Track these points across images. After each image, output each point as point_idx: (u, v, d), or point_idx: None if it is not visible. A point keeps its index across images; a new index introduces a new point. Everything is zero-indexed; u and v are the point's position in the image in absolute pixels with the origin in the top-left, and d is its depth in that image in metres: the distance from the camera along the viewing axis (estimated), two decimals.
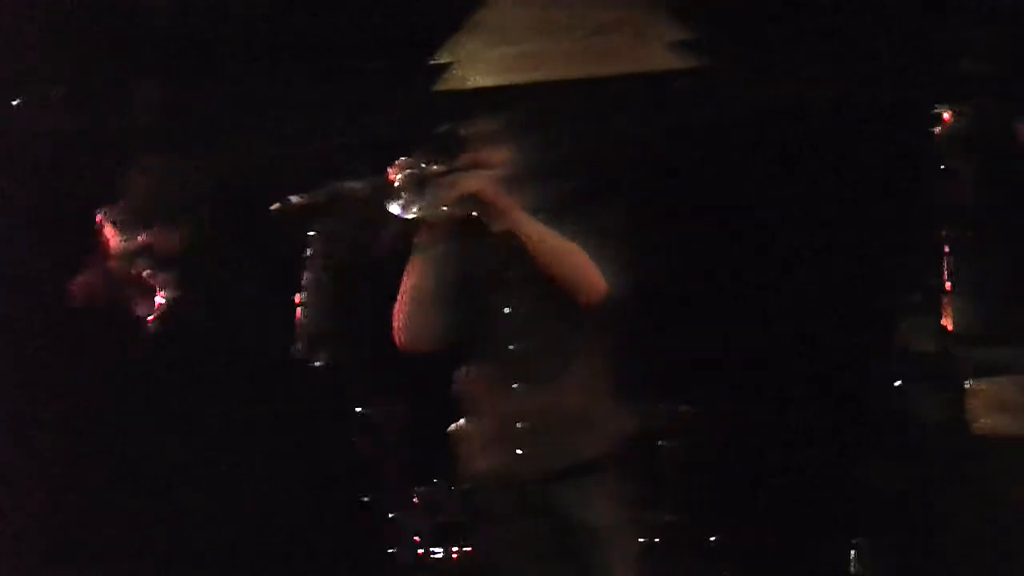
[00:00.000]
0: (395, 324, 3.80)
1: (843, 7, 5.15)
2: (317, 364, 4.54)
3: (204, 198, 4.39)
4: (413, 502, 5.24)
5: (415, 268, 3.72)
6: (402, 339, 3.82)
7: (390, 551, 5.14)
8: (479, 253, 3.74)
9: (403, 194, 3.56)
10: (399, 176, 3.56)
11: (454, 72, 5.86)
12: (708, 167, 5.69)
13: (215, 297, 4.34)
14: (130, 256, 4.27)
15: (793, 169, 5.67)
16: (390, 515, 5.22)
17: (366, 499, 5.26)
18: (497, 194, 3.60)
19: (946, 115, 3.14)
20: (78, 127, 5.79)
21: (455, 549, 5.03)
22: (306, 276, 4.34)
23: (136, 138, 5.50)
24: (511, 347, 3.68)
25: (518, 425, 3.66)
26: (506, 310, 3.70)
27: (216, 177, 4.53)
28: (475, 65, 5.85)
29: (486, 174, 3.62)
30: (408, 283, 3.75)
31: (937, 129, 3.13)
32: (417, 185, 3.57)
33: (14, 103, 5.58)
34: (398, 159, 3.61)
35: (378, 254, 4.20)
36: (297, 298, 4.42)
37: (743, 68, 5.48)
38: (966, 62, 4.11)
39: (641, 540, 3.98)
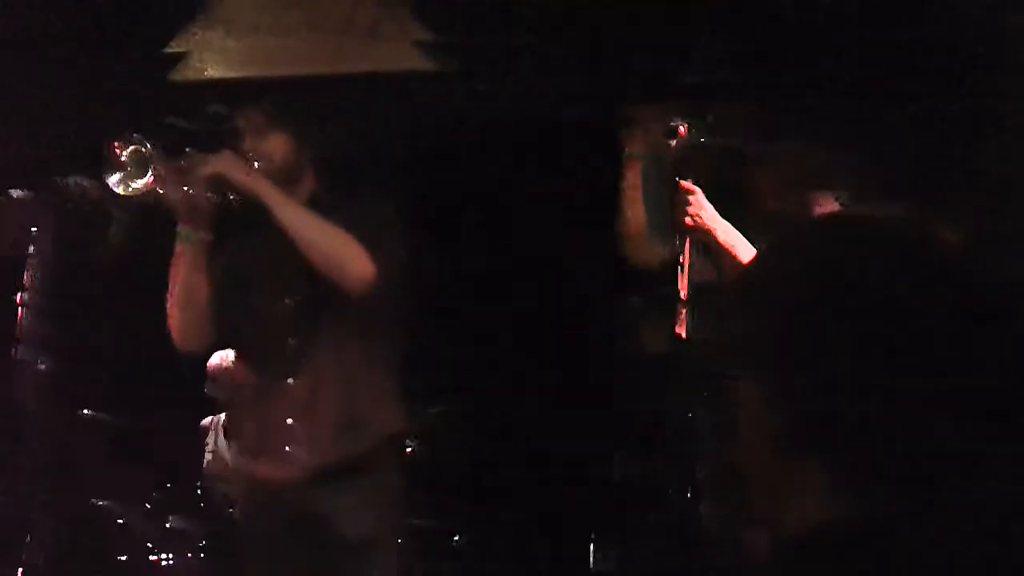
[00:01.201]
0: (171, 325, 3.67)
1: (579, 20, 5.21)
2: (42, 365, 4.39)
3: None
4: (146, 507, 5.09)
5: (182, 262, 3.59)
6: (178, 341, 3.70)
7: (121, 557, 4.98)
8: (249, 245, 3.64)
9: (127, 168, 3.44)
10: (126, 152, 3.44)
11: (190, 63, 5.72)
12: (453, 172, 5.69)
13: None
14: None
15: (533, 177, 5.74)
16: (120, 520, 5.06)
17: (99, 503, 5.11)
18: (247, 176, 3.50)
19: (682, 128, 3.19)
20: None
21: (188, 555, 4.91)
22: (29, 276, 4.18)
23: None
24: (283, 342, 3.58)
25: (289, 421, 3.56)
26: (278, 303, 3.60)
27: None
28: (212, 56, 5.72)
29: (231, 156, 3.52)
30: (177, 282, 3.61)
31: (673, 142, 3.17)
32: (139, 162, 3.46)
33: None
34: (122, 137, 3.49)
35: (105, 253, 4.06)
36: (19, 298, 4.24)
37: (477, 74, 5.50)
38: (699, 76, 4.22)
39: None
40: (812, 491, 1.36)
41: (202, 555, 4.91)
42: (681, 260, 2.97)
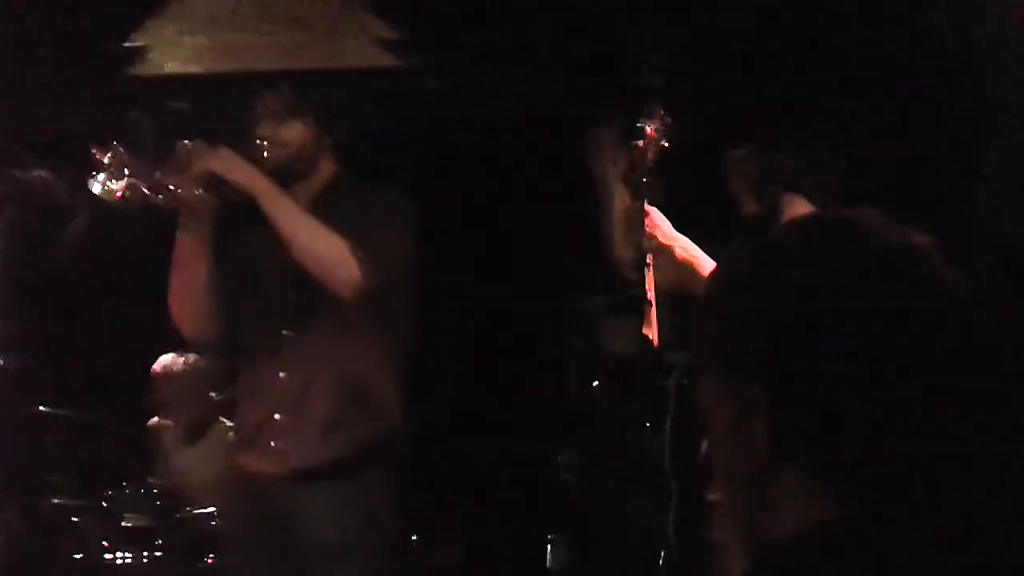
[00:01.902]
0: (175, 314, 3.65)
1: (541, 20, 5.22)
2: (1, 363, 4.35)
3: None
4: (101, 505, 5.05)
5: (185, 252, 3.56)
6: (183, 330, 3.69)
7: (76, 556, 4.94)
8: (251, 238, 3.62)
9: (109, 171, 3.42)
10: (108, 156, 3.42)
11: (150, 57, 5.70)
12: (423, 171, 5.69)
13: None
14: None
15: (498, 176, 5.74)
16: (75, 519, 5.02)
17: (55, 501, 5.07)
18: (242, 173, 3.47)
19: (649, 129, 3.21)
20: None
21: (145, 554, 4.87)
22: None
23: None
24: (278, 336, 3.56)
25: (276, 417, 3.55)
26: (275, 298, 3.58)
27: None
28: (171, 51, 5.70)
29: (227, 152, 3.49)
30: (182, 273, 3.59)
31: (641, 143, 3.20)
32: (120, 165, 3.44)
33: None
34: (98, 142, 3.47)
35: (63, 249, 4.03)
36: None
37: (441, 73, 5.49)
38: (653, 78, 4.24)
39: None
40: (793, 496, 1.37)
41: (158, 554, 4.87)
42: (648, 261, 2.99)
